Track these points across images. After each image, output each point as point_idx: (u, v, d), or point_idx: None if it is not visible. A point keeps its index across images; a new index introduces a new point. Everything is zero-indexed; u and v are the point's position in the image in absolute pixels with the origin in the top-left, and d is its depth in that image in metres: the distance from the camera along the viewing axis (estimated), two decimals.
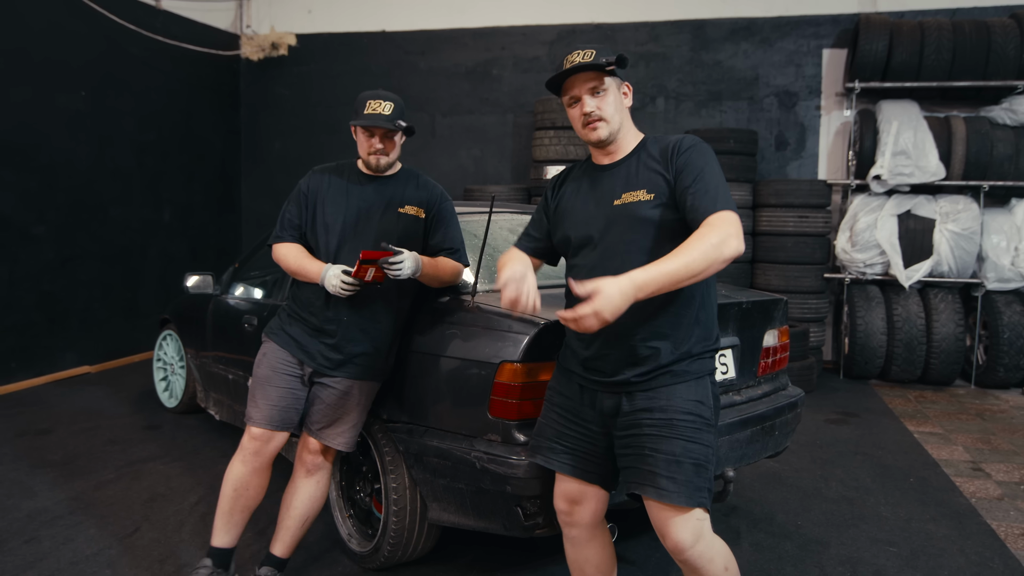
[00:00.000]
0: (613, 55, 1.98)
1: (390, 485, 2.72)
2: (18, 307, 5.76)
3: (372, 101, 2.59)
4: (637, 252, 1.98)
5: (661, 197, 1.99)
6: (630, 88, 2.11)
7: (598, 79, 2.01)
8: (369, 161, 2.67)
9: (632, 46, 7.38)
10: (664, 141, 2.05)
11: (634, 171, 2.05)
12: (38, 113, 5.86)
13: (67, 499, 3.61)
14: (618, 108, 2.05)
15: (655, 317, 1.99)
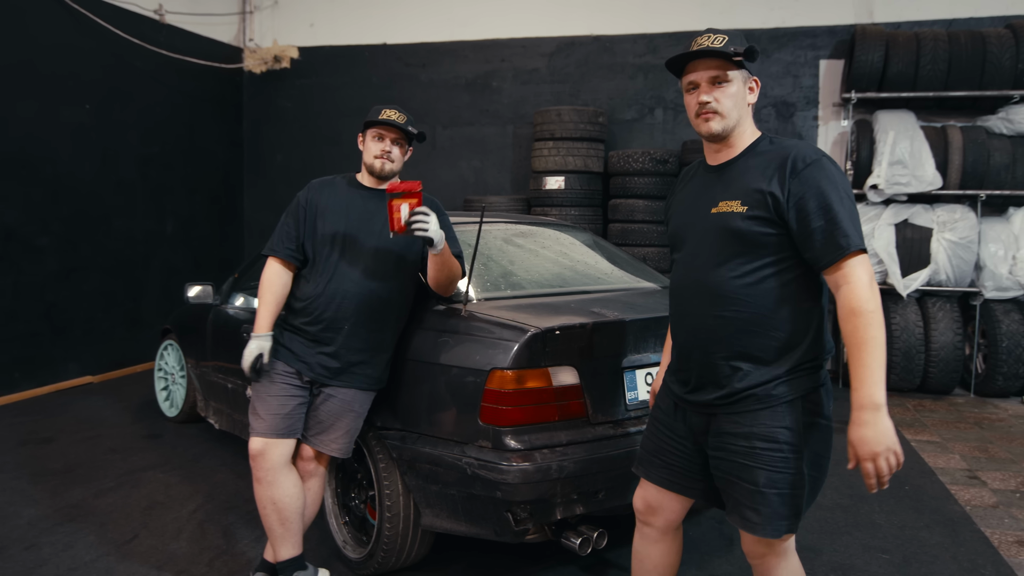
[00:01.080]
0: (744, 45, 1.87)
1: (384, 492, 2.75)
2: (22, 317, 5.82)
3: (386, 109, 2.68)
4: (722, 265, 1.90)
5: (756, 210, 1.85)
6: (758, 84, 1.98)
7: (722, 68, 1.89)
8: (374, 165, 2.71)
9: (630, 58, 7.45)
10: (781, 148, 1.89)
11: (737, 176, 1.92)
12: (43, 126, 5.94)
13: (67, 507, 3.64)
14: (738, 104, 1.92)
15: (738, 338, 1.89)
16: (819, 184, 1.79)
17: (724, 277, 1.88)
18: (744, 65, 1.91)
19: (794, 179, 1.81)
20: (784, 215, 1.82)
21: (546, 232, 3.72)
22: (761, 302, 1.87)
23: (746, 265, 1.87)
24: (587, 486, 2.47)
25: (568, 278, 3.29)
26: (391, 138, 2.72)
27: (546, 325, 2.48)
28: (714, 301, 1.91)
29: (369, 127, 2.72)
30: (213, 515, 3.55)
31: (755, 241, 1.86)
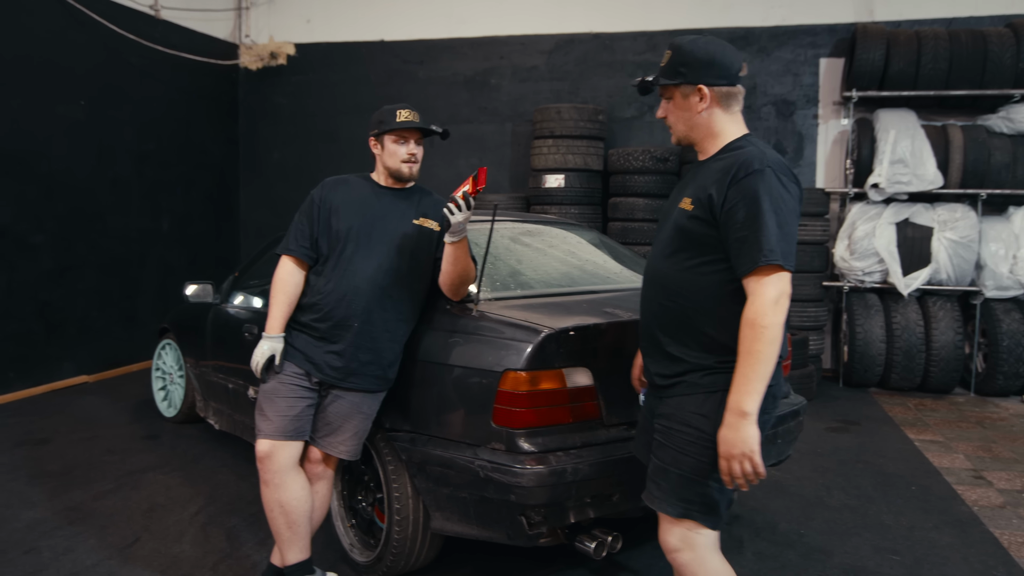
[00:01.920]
0: (683, 62, 1.96)
1: (393, 495, 2.71)
2: (16, 316, 5.74)
3: (401, 110, 2.65)
4: (669, 257, 2.00)
5: (699, 211, 1.92)
6: (703, 91, 1.95)
7: (664, 88, 2.03)
8: (401, 169, 2.68)
9: (630, 56, 7.42)
10: (736, 154, 1.92)
11: (698, 176, 2.00)
12: (37, 122, 5.86)
13: (66, 509, 3.58)
14: (681, 116, 2.01)
15: (676, 326, 1.98)
16: (754, 194, 1.83)
17: (670, 268, 1.99)
18: (684, 80, 1.96)
19: (733, 186, 1.86)
20: (719, 219, 1.88)
21: (552, 231, 3.68)
22: (698, 296, 1.94)
23: (688, 260, 1.95)
24: (601, 489, 2.44)
25: (576, 277, 3.25)
26: (414, 139, 2.68)
27: (560, 325, 2.44)
28: (660, 289, 2.02)
29: (389, 132, 2.67)
30: (216, 517, 3.50)
31: (696, 239, 1.93)
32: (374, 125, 2.73)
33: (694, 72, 1.95)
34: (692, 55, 1.96)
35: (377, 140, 2.73)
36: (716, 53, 1.96)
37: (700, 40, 1.98)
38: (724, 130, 2.00)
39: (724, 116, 1.99)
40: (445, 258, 2.58)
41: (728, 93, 1.98)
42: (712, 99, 1.97)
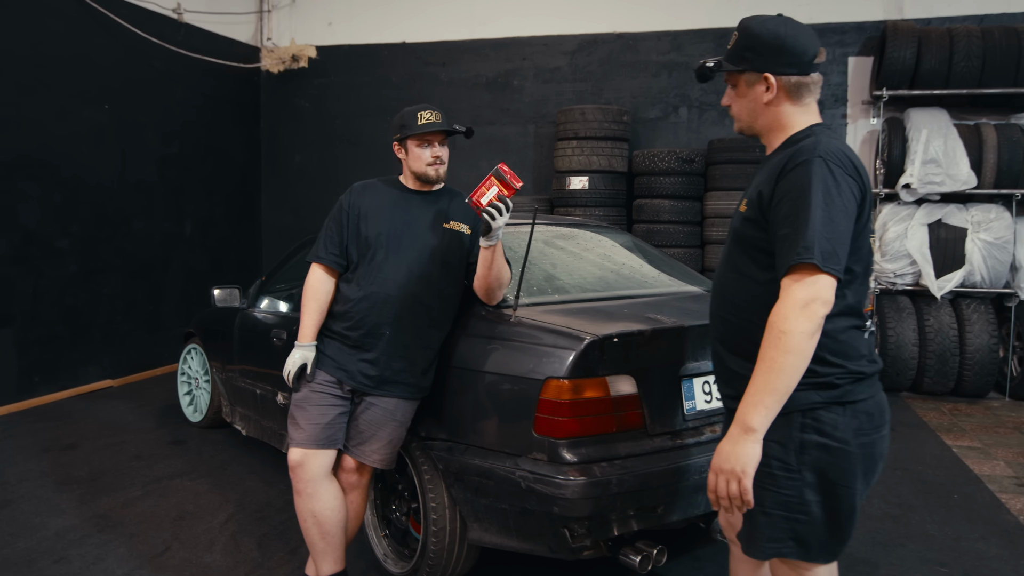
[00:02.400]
0: (748, 46, 1.79)
1: (429, 505, 2.65)
2: (42, 321, 5.74)
3: (423, 112, 2.58)
4: (728, 265, 1.88)
5: (752, 212, 1.78)
6: (768, 79, 1.78)
7: (730, 74, 1.86)
8: (428, 172, 2.62)
9: (654, 55, 7.33)
10: (789, 151, 1.75)
11: (757, 175, 1.87)
12: (63, 127, 5.86)
13: (95, 517, 3.55)
14: (745, 106, 1.85)
15: (736, 339, 1.80)
16: (801, 186, 1.65)
17: (729, 276, 1.86)
18: (749, 66, 1.80)
19: (781, 180, 1.70)
20: (769, 218, 1.73)
21: (585, 234, 3.61)
22: (755, 306, 1.76)
23: (745, 267, 1.81)
24: (646, 501, 2.36)
25: (612, 282, 3.18)
26: (438, 140, 2.62)
27: (603, 332, 2.37)
28: (720, 300, 1.90)
29: (411, 137, 2.61)
30: (246, 526, 3.46)
31: (750, 243, 1.79)
32: (396, 129, 2.67)
33: (761, 58, 1.77)
34: (760, 39, 1.77)
35: (400, 145, 2.67)
36: (787, 37, 1.76)
37: (771, 21, 1.77)
38: (792, 122, 1.82)
39: (793, 108, 1.81)
40: (481, 262, 2.52)
41: (799, 83, 1.79)
42: (780, 89, 1.78)
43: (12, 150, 5.46)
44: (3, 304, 5.44)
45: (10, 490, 3.89)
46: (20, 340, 5.57)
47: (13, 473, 4.14)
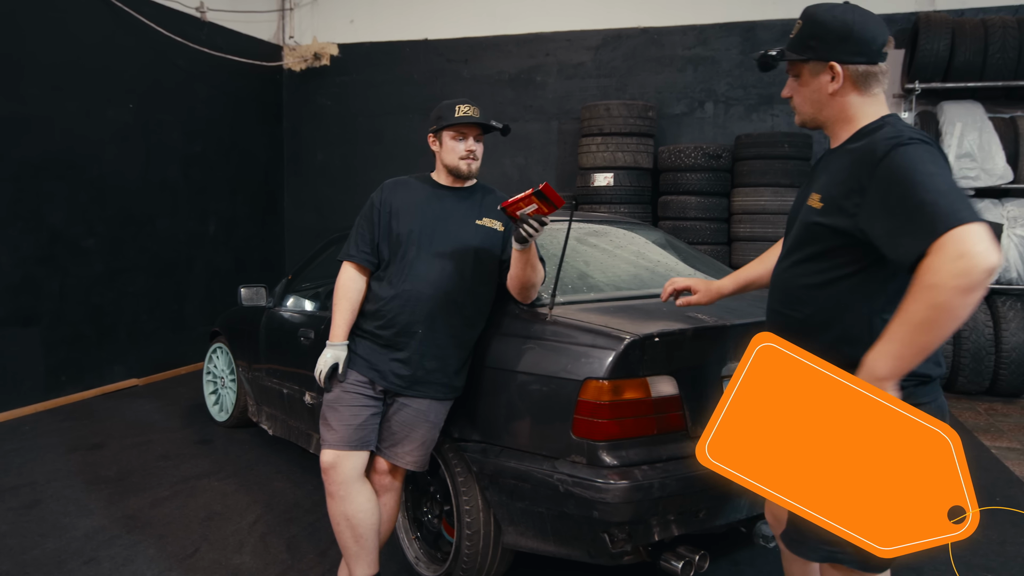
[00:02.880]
0: (814, 34, 1.72)
1: (463, 508, 2.59)
2: (68, 320, 5.76)
3: (461, 105, 2.52)
4: (794, 260, 1.80)
5: (830, 207, 1.69)
6: (834, 68, 1.72)
7: (792, 63, 1.80)
8: (460, 167, 2.57)
9: (679, 50, 7.23)
10: (867, 142, 1.66)
11: (825, 167, 1.79)
12: (88, 126, 5.87)
13: (123, 517, 3.54)
14: (809, 97, 1.78)
15: (800, 339, 1.67)
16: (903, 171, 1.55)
17: (793, 273, 1.80)
18: (814, 55, 1.74)
19: (875, 172, 1.59)
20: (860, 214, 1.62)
21: (618, 231, 3.55)
22: (826, 305, 1.73)
23: (816, 263, 1.74)
24: (688, 505, 2.30)
25: (646, 279, 3.11)
26: (473, 135, 2.57)
27: (643, 331, 2.30)
28: (782, 296, 1.84)
29: (447, 128, 2.56)
30: (275, 527, 3.43)
31: (825, 239, 1.72)
32: (433, 121, 2.62)
33: (826, 47, 1.70)
34: (825, 27, 1.70)
35: (436, 137, 2.62)
36: (855, 25, 1.69)
37: (838, 8, 1.71)
38: (859, 114, 1.74)
39: (860, 98, 1.73)
40: (514, 262, 2.46)
41: (867, 73, 1.71)
42: (846, 79, 1.71)
43: (38, 150, 5.47)
44: (30, 303, 5.46)
45: (39, 490, 3.88)
46: (47, 339, 5.59)
47: (42, 472, 4.14)
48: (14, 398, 5.34)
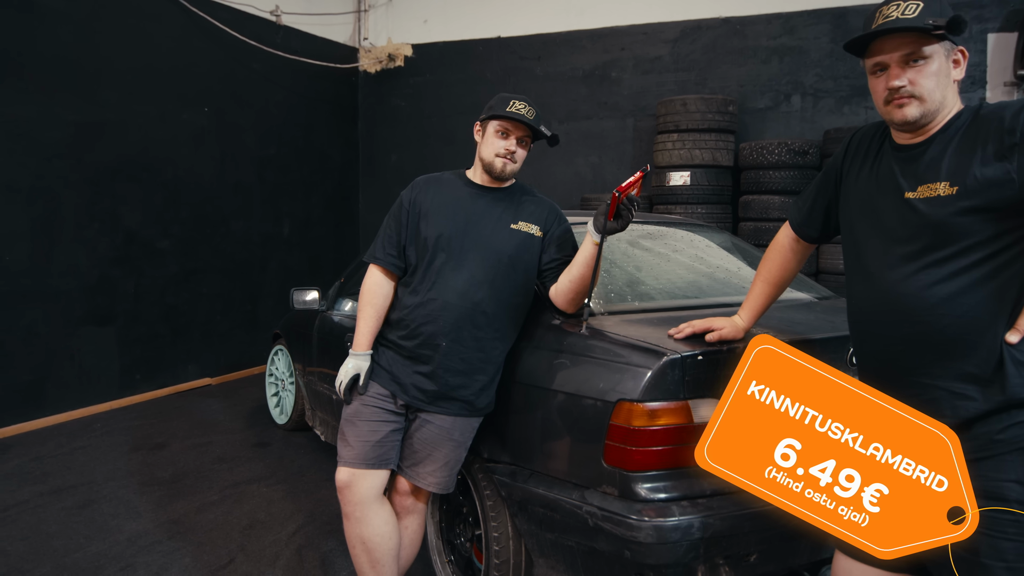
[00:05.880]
0: (947, 12, 1.52)
1: (491, 534, 2.39)
2: (143, 320, 5.88)
3: (516, 101, 2.33)
4: (922, 270, 1.56)
5: (971, 194, 1.49)
6: (965, 55, 1.61)
7: (917, 44, 1.55)
8: (495, 164, 2.37)
9: (764, 40, 6.80)
10: (986, 116, 1.53)
11: (939, 154, 1.57)
12: (163, 129, 5.99)
13: (168, 522, 3.51)
14: (940, 83, 1.57)
15: (954, 347, 1.53)
16: None
17: (921, 281, 1.57)
18: (947, 36, 1.54)
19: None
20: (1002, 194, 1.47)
21: (677, 233, 3.26)
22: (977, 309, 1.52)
23: (956, 262, 1.53)
24: (736, 547, 2.01)
25: (705, 287, 2.82)
26: (517, 136, 2.36)
27: (686, 347, 2.04)
28: (908, 316, 1.59)
29: (494, 119, 2.37)
30: (313, 539, 3.31)
31: (972, 231, 1.51)
32: (484, 110, 2.42)
33: (955, 30, 1.53)
34: (947, 10, 1.53)
35: (482, 126, 2.43)
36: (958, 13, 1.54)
37: None
38: (956, 103, 1.62)
39: None
40: (581, 262, 2.23)
41: None
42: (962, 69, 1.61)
43: (115, 154, 5.61)
44: (106, 303, 5.60)
45: (95, 489, 3.92)
46: (122, 338, 5.72)
47: (102, 472, 4.19)
48: (90, 395, 5.49)
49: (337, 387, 2.39)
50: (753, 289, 2.08)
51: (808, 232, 1.97)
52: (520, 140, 2.38)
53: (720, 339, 2.05)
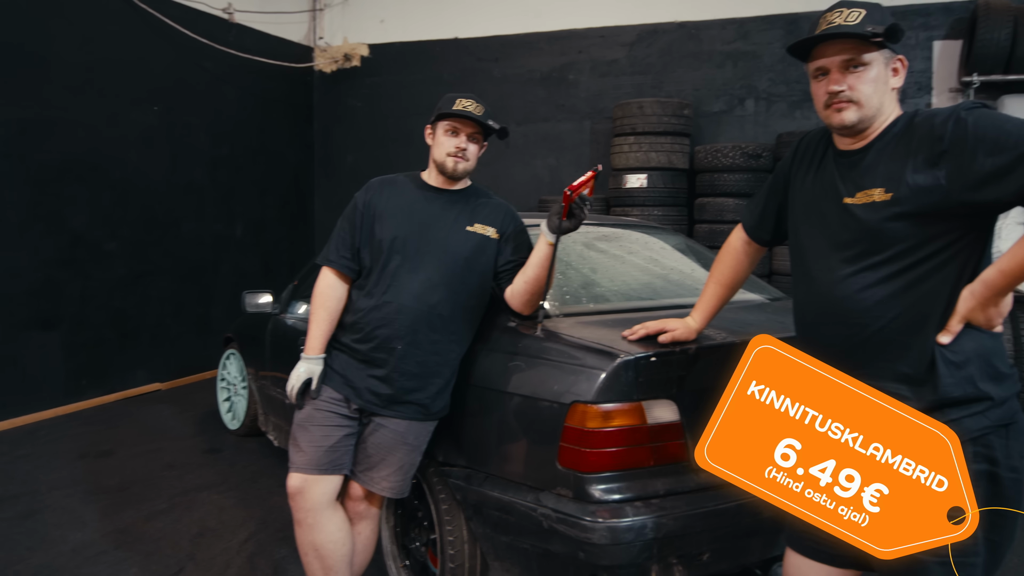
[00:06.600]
0: (886, 21, 1.57)
1: (446, 538, 2.37)
2: (90, 324, 5.72)
3: (463, 99, 2.32)
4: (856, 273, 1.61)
5: (904, 200, 1.53)
6: (904, 63, 1.66)
7: (857, 50, 1.60)
8: (447, 163, 2.35)
9: (718, 45, 6.90)
10: (918, 124, 1.57)
11: (876, 160, 1.61)
12: (112, 128, 5.84)
13: (115, 531, 3.41)
14: (878, 89, 1.61)
15: (889, 347, 1.59)
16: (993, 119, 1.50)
17: (856, 284, 1.61)
18: (886, 44, 1.60)
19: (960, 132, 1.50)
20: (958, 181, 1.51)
21: (632, 235, 3.28)
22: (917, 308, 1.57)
23: (891, 266, 1.58)
24: (689, 547, 2.02)
25: (660, 289, 2.84)
26: (467, 133, 2.34)
27: (640, 349, 2.05)
28: (845, 317, 1.64)
29: (442, 119, 2.35)
30: (265, 546, 3.25)
31: (899, 238, 1.57)
32: (433, 112, 2.40)
33: (892, 38, 1.57)
34: (888, 18, 1.58)
35: (432, 128, 2.41)
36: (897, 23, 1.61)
37: None
38: (894, 110, 1.65)
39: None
40: (536, 263, 2.23)
41: None
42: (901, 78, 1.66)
43: (61, 153, 5.44)
44: (50, 307, 5.43)
45: (39, 499, 3.79)
46: (68, 343, 5.56)
47: (46, 480, 4.05)
48: (34, 402, 5.31)
49: (289, 391, 2.34)
50: (706, 291, 2.11)
51: (760, 235, 2.00)
52: (470, 137, 2.37)
53: (673, 340, 2.07)
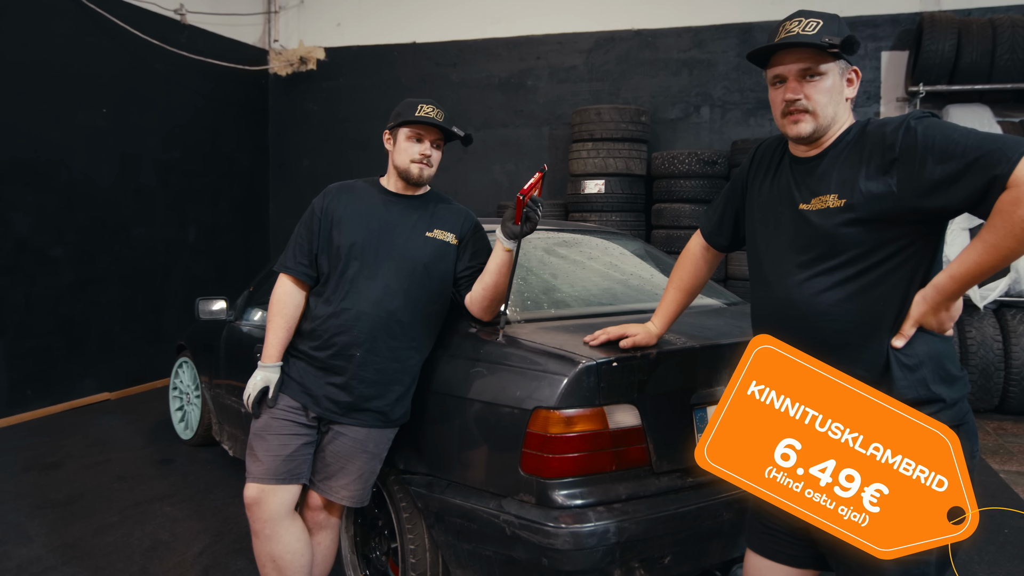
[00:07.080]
0: (842, 32, 1.61)
1: (408, 547, 2.34)
2: (35, 332, 5.54)
3: (424, 105, 2.29)
4: (811, 277, 1.64)
5: (857, 207, 1.57)
6: (858, 75, 1.72)
7: (814, 60, 1.63)
8: (411, 170, 2.33)
9: (675, 53, 6.99)
10: (871, 134, 1.61)
11: (830, 167, 1.65)
12: (58, 130, 5.67)
13: (63, 546, 3.30)
14: (833, 99, 1.65)
15: (844, 351, 1.61)
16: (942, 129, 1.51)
17: (812, 289, 1.65)
18: (842, 55, 1.64)
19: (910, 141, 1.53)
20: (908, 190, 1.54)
21: (592, 240, 3.30)
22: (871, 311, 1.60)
23: (845, 270, 1.61)
24: (651, 550, 2.03)
25: (620, 294, 2.86)
26: (431, 139, 2.33)
27: (601, 355, 2.05)
28: (801, 320, 1.67)
29: (404, 125, 2.33)
30: (219, 559, 3.18)
31: (853, 243, 1.61)
32: (392, 117, 2.38)
33: (848, 50, 1.61)
34: (844, 29, 1.62)
35: (391, 134, 2.39)
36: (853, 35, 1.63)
37: None
38: (847, 119, 1.70)
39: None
40: (495, 268, 2.22)
41: None
42: (855, 88, 1.71)
43: (4, 156, 5.27)
44: None
45: None
46: (11, 352, 5.37)
47: None
48: None
49: (245, 400, 2.30)
50: (666, 296, 2.12)
51: (718, 241, 2.02)
52: (434, 143, 2.36)
53: (634, 345, 2.08)
